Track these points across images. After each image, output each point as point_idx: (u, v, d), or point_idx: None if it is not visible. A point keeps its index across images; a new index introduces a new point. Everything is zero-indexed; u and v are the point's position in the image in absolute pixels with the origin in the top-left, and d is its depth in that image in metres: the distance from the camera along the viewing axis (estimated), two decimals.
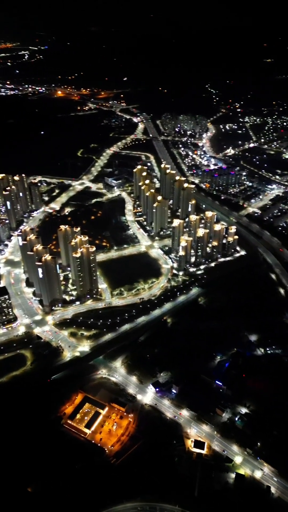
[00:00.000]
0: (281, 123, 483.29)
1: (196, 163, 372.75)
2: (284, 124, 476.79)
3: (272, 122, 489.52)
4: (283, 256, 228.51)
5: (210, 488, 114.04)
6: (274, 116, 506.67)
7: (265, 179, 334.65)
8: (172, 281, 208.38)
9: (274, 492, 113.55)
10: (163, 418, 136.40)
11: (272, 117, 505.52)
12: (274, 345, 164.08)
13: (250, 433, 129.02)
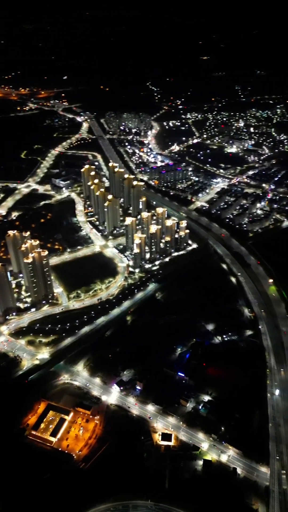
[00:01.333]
0: (221, 118, 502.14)
1: (143, 161, 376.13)
2: (224, 120, 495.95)
3: (213, 118, 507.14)
4: (225, 240, 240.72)
5: (180, 478, 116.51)
6: (214, 112, 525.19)
7: (210, 173, 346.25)
8: (129, 279, 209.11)
9: (240, 473, 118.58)
10: (129, 416, 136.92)
11: (212, 113, 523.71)
12: (230, 332, 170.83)
13: (214, 419, 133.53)
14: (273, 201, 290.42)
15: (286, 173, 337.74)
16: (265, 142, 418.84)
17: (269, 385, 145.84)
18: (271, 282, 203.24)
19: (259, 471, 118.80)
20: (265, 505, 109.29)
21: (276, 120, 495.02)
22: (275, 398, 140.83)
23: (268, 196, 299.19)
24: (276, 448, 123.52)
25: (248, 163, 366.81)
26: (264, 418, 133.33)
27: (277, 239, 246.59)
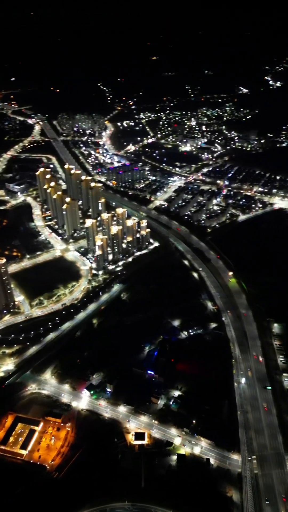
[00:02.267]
0: (174, 118, 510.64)
1: (100, 162, 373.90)
2: (177, 119, 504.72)
3: (166, 117, 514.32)
4: (185, 237, 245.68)
5: (155, 475, 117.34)
6: (166, 112, 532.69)
7: (167, 172, 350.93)
8: (93, 281, 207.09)
9: (213, 463, 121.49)
10: (101, 420, 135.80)
11: (164, 112, 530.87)
12: (195, 326, 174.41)
13: (185, 414, 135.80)
14: (228, 197, 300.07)
15: (239, 169, 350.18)
16: (217, 140, 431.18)
17: (235, 374, 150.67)
18: (231, 274, 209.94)
19: (231, 459, 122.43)
20: (239, 491, 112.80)
21: (226, 118, 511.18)
22: (242, 387, 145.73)
23: (223, 192, 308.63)
24: (245, 435, 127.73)
25: (202, 161, 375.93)
26: (233, 406, 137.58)
27: (234, 233, 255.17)
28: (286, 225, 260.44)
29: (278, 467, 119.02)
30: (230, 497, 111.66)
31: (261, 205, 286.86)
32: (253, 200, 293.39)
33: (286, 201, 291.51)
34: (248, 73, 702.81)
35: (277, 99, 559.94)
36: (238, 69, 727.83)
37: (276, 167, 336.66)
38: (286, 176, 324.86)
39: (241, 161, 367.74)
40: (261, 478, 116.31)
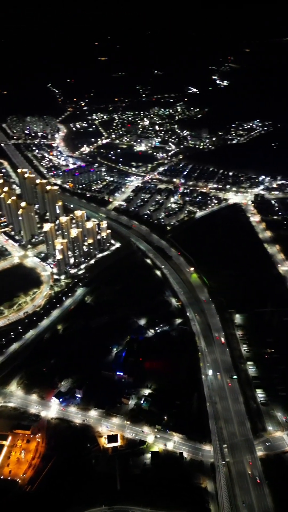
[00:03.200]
0: (127, 118, 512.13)
1: (54, 164, 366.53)
2: (130, 119, 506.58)
3: (119, 117, 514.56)
4: (146, 236, 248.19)
5: (131, 475, 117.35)
6: (119, 112, 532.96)
7: (123, 172, 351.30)
8: (55, 287, 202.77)
9: (186, 456, 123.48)
10: (72, 426, 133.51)
11: (117, 113, 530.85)
12: (161, 323, 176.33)
13: (156, 411, 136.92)
14: (185, 194, 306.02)
15: (193, 167, 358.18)
16: (171, 139, 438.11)
17: (203, 367, 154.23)
18: (192, 270, 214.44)
19: (203, 450, 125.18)
20: (212, 481, 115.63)
21: (178, 117, 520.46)
22: (209, 378, 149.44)
23: (179, 190, 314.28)
24: (216, 425, 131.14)
25: (158, 160, 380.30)
26: (202, 399, 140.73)
27: (192, 229, 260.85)
28: (240, 219, 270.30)
29: (248, 452, 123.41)
30: (205, 488, 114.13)
31: (217, 201, 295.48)
32: (208, 197, 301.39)
33: (240, 196, 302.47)
34: (196, 73, 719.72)
35: (225, 98, 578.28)
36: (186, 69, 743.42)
37: (228, 164, 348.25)
38: (238, 172, 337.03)
39: (195, 159, 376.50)
40: (233, 465, 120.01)
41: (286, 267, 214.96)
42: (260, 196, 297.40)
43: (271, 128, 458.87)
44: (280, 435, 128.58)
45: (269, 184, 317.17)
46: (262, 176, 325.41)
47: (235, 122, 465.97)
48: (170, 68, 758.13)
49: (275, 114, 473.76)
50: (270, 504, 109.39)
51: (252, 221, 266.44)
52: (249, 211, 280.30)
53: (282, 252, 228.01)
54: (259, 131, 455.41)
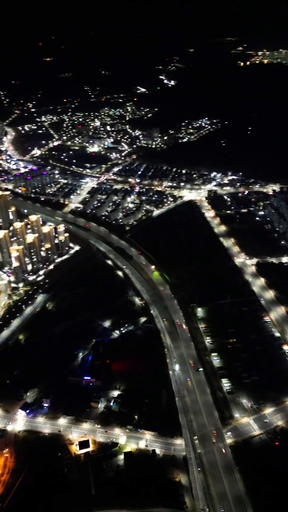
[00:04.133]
0: (77, 119, 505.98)
1: (4, 169, 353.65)
2: (80, 120, 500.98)
3: (69, 119, 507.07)
4: (105, 237, 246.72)
5: (105, 479, 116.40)
6: (69, 113, 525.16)
7: (78, 174, 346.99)
8: (14, 295, 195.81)
9: (159, 453, 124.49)
10: (42, 437, 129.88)
11: (67, 114, 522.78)
12: (126, 323, 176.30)
13: (126, 411, 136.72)
14: (141, 194, 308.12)
15: (147, 166, 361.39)
16: (123, 139, 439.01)
17: (169, 363, 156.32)
18: (153, 268, 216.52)
19: (175, 445, 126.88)
20: (186, 473, 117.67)
21: (129, 117, 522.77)
22: (177, 373, 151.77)
23: (135, 189, 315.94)
24: (185, 418, 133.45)
25: (112, 160, 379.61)
26: (171, 394, 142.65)
27: (150, 228, 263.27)
28: (196, 215, 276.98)
29: (218, 441, 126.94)
30: (179, 481, 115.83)
31: (172, 199, 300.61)
32: (164, 195, 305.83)
33: (194, 193, 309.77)
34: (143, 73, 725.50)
35: (173, 97, 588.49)
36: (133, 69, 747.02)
37: (181, 162, 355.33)
38: (191, 169, 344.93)
39: (148, 158, 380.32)
40: (205, 456, 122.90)
41: (242, 259, 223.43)
42: (213, 192, 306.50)
43: (219, 126, 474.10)
44: (247, 421, 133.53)
45: (220, 180, 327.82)
46: (214, 172, 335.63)
47: (185, 120, 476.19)
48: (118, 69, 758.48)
49: (221, 112, 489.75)
50: (242, 488, 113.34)
51: (207, 217, 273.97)
52: (203, 207, 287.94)
53: (237, 244, 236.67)
54: (208, 129, 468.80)
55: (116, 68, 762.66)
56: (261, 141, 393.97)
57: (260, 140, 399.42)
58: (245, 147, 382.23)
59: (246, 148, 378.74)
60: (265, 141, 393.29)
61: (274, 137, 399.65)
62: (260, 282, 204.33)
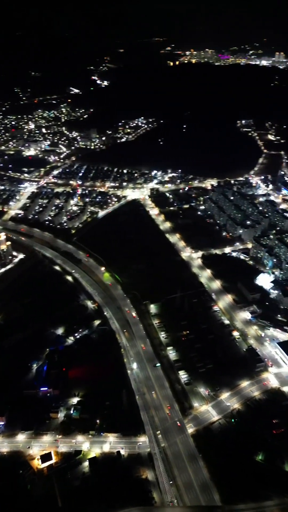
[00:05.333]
0: (9, 122, 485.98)
1: None
2: (13, 123, 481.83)
3: (0, 122, 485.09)
4: (51, 242, 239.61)
5: (71, 489, 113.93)
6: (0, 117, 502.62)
7: (15, 179, 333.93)
8: None
9: (124, 453, 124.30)
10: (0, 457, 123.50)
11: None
12: (80, 328, 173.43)
13: (88, 417, 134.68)
14: (84, 196, 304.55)
15: (88, 167, 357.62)
16: (60, 141, 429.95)
17: (127, 362, 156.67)
18: (103, 270, 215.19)
19: (139, 443, 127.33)
20: (152, 469, 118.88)
21: (64, 119, 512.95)
22: (135, 372, 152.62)
23: (78, 192, 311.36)
24: (147, 415, 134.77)
25: (50, 163, 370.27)
26: (131, 393, 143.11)
27: (97, 229, 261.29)
28: (141, 214, 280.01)
29: (180, 432, 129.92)
30: (146, 478, 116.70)
31: (116, 199, 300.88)
32: (108, 196, 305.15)
33: (137, 192, 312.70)
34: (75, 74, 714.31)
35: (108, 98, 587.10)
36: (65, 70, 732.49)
37: (121, 162, 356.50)
38: (132, 169, 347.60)
39: (88, 159, 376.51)
40: (169, 449, 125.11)
41: (188, 253, 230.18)
42: (155, 190, 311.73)
43: (155, 125, 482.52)
44: (206, 408, 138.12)
45: (161, 178, 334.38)
46: (154, 171, 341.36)
47: (121, 120, 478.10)
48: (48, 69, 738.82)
49: (156, 111, 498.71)
50: (206, 475, 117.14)
51: (151, 214, 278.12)
52: (147, 205, 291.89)
53: (182, 239, 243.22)
54: (144, 128, 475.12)
55: (47, 68, 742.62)
56: (196, 138, 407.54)
57: (195, 137, 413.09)
58: (181, 144, 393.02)
59: (183, 145, 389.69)
60: (200, 138, 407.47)
61: (207, 134, 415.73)
62: (207, 273, 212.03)
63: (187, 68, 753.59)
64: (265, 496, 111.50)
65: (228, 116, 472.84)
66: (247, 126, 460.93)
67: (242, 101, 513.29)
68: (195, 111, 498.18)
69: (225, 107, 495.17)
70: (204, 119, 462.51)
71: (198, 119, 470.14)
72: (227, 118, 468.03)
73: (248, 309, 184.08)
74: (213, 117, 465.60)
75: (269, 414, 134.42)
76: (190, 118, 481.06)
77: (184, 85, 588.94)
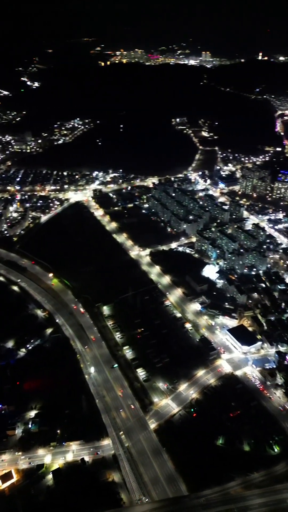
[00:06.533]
0: None
1: None
2: None
3: None
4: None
5: (36, 504, 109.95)
6: None
7: None
8: None
9: (88, 460, 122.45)
10: None
11: None
12: (32, 339, 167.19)
13: (47, 429, 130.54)
14: (24, 201, 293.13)
15: (25, 171, 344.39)
16: None
17: (83, 367, 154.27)
18: (51, 276, 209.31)
19: (103, 446, 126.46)
20: (118, 470, 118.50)
21: None
22: (93, 376, 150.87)
23: (17, 197, 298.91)
24: (109, 417, 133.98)
25: None
26: (90, 397, 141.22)
27: (41, 235, 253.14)
28: (85, 216, 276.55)
29: (143, 429, 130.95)
30: (112, 481, 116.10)
31: (58, 202, 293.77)
32: (49, 199, 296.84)
33: (79, 194, 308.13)
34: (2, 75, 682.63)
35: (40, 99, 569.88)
36: None
37: (61, 164, 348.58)
38: (72, 171, 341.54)
39: (25, 163, 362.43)
40: (133, 447, 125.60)
41: (136, 251, 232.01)
42: (98, 191, 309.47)
43: (92, 126, 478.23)
44: (166, 402, 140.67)
45: (103, 179, 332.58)
46: (96, 172, 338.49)
47: (57, 122, 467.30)
48: None
49: (91, 111, 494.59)
50: (171, 467, 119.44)
51: (97, 216, 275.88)
52: (91, 207, 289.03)
53: (129, 238, 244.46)
54: (81, 129, 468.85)
55: None
56: (134, 138, 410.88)
57: (133, 136, 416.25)
58: (120, 144, 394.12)
59: (121, 145, 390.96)
60: (137, 137, 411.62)
61: (144, 133, 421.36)
62: (156, 270, 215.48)
63: (119, 68, 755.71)
64: (228, 478, 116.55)
65: (162, 114, 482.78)
66: (182, 124, 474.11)
67: (175, 100, 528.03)
68: (130, 110, 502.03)
69: (159, 106, 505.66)
70: (140, 119, 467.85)
71: (134, 118, 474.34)
72: (162, 117, 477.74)
73: (197, 300, 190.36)
74: (148, 116, 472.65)
75: (225, 398, 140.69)
76: (126, 118, 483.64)
77: (117, 85, 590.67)
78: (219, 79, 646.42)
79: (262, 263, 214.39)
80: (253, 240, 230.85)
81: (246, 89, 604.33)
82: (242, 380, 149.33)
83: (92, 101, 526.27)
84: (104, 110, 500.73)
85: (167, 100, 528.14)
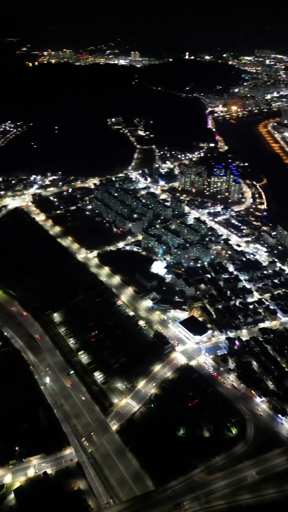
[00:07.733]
0: None
1: None
2: None
3: None
4: None
5: None
6: None
7: None
8: None
9: (51, 472, 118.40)
10: None
11: None
12: None
13: (4, 448, 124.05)
14: None
15: None
16: None
17: (38, 378, 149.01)
18: None
19: (66, 456, 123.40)
20: (83, 478, 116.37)
21: None
22: (49, 386, 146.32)
23: None
24: (69, 425, 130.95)
25: None
26: (48, 408, 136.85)
27: None
28: (26, 222, 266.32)
29: (105, 432, 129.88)
30: (78, 489, 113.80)
31: None
32: None
33: (18, 199, 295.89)
34: None
35: None
36: None
37: None
38: (8, 176, 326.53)
39: None
40: (96, 452, 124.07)
41: (83, 254, 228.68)
42: (38, 195, 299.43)
43: (25, 128, 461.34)
44: (126, 402, 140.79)
45: (42, 182, 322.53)
46: (33, 175, 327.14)
47: None
48: None
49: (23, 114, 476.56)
50: (136, 465, 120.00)
51: (38, 221, 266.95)
52: (32, 212, 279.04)
53: (75, 242, 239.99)
54: (14, 132, 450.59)
55: None
56: (70, 139, 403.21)
57: (69, 138, 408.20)
58: (56, 146, 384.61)
59: (58, 147, 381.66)
60: (73, 138, 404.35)
61: (80, 134, 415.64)
62: (105, 271, 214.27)
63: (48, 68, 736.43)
64: (192, 466, 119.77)
65: (97, 114, 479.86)
66: (118, 123, 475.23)
67: (109, 100, 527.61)
68: (64, 111, 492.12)
69: (93, 106, 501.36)
70: (75, 119, 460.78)
71: (68, 119, 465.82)
72: (97, 117, 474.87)
73: (148, 297, 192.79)
74: (83, 117, 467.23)
75: (183, 389, 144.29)
76: (60, 119, 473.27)
77: (48, 86, 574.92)
78: (150, 79, 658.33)
79: (206, 255, 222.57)
80: (196, 233, 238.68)
81: (176, 88, 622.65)
82: (197, 369, 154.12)
83: (23, 102, 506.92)
84: (36, 111, 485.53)
85: (100, 100, 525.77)
